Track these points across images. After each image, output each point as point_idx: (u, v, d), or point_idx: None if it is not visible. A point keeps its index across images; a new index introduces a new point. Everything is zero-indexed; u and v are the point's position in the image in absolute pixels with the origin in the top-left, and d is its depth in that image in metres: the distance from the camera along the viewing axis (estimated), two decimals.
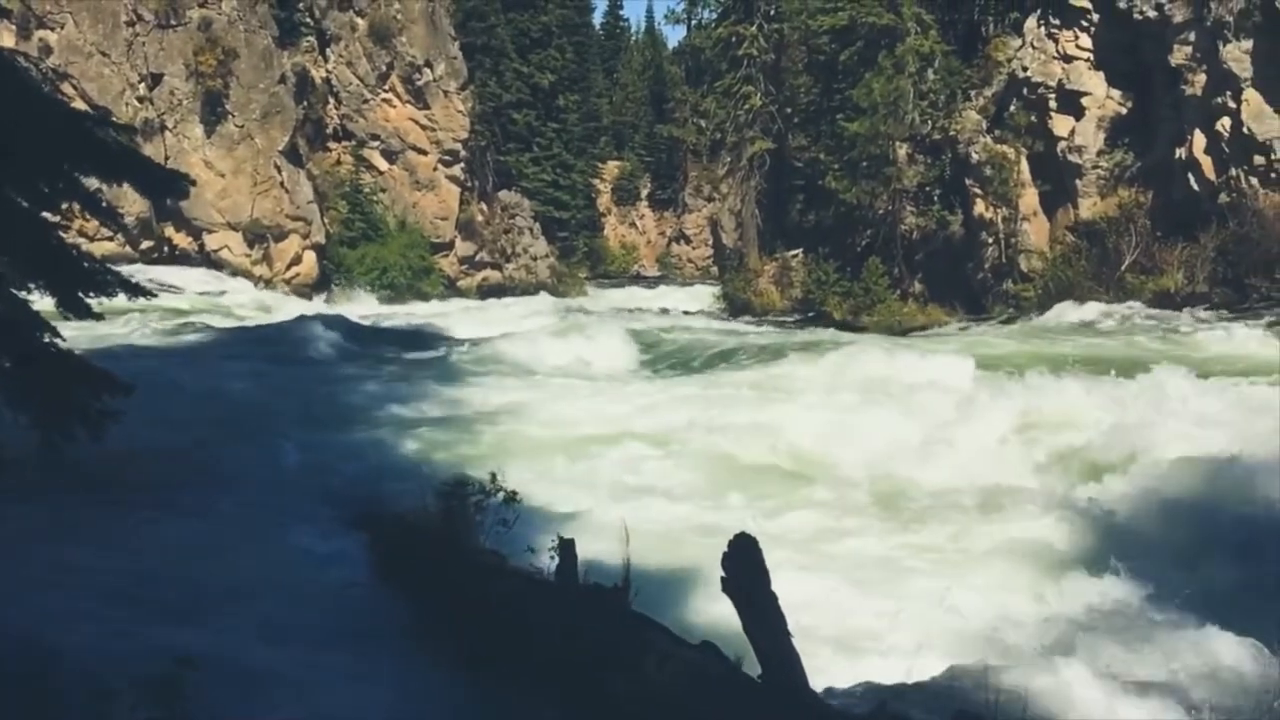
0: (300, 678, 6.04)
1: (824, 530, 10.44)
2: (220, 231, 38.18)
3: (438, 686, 6.31)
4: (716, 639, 6.17)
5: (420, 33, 43.53)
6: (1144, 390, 13.88)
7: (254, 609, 6.98)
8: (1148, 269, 28.39)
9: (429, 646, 6.80)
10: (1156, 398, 13.41)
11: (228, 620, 6.69)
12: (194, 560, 8.10)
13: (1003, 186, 32.21)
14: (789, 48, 43.40)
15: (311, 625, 6.82)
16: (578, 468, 12.26)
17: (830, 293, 34.53)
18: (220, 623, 6.64)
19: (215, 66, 37.44)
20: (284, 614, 6.91)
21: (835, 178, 35.14)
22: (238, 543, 8.52)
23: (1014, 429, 13.18)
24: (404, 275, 41.57)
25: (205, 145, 38.00)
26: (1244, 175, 27.32)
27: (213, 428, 13.05)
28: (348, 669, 6.27)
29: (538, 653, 6.29)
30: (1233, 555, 8.85)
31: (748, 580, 5.53)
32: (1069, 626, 7.60)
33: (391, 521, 8.38)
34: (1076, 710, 6.36)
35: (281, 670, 6.00)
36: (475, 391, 16.83)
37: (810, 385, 16.48)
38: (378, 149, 44.00)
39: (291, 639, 6.51)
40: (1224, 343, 19.92)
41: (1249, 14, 27.01)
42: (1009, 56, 33.53)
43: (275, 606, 7.02)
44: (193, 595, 7.20)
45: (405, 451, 12.87)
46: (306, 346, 21.37)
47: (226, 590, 7.19)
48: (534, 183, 54.41)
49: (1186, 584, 8.18)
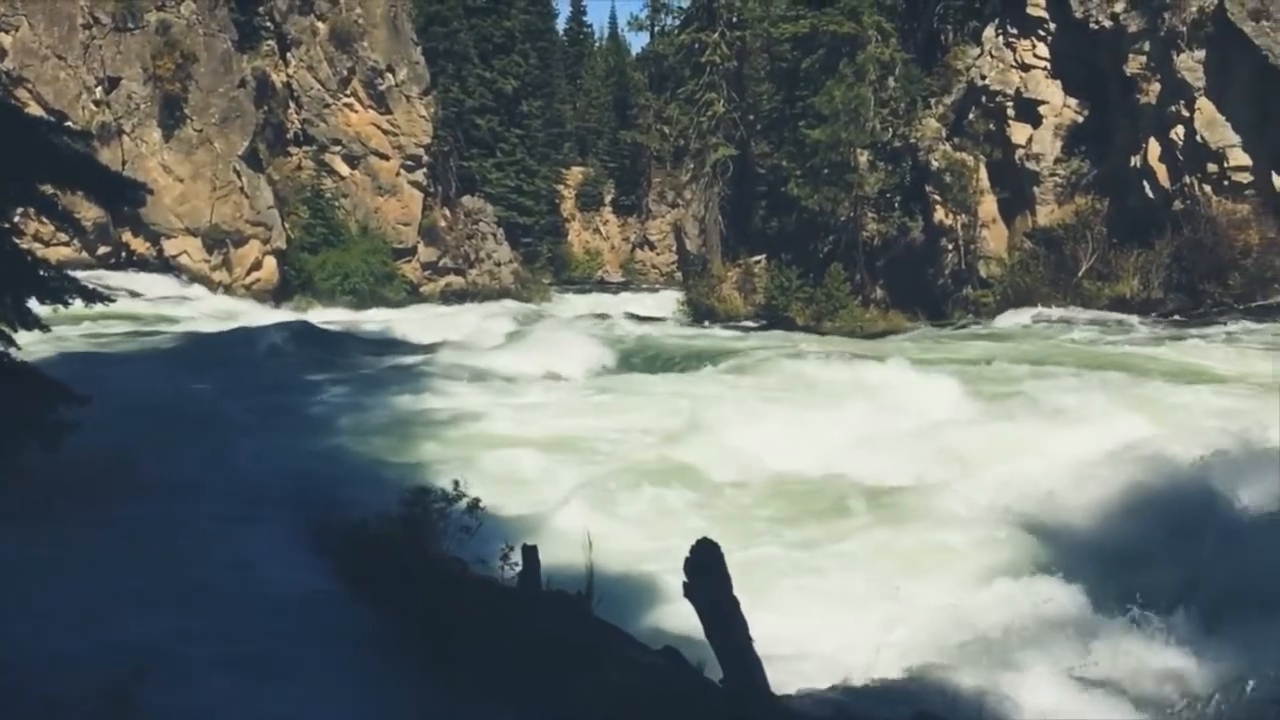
0: (260, 685, 6.00)
1: (773, 535, 10.48)
2: (179, 237, 37.77)
3: (400, 693, 6.29)
4: (679, 644, 6.20)
5: (382, 37, 43.32)
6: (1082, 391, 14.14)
7: (212, 617, 6.91)
8: (1104, 275, 28.80)
9: (391, 653, 6.77)
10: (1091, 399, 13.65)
11: (185, 629, 6.62)
12: (151, 568, 8.01)
13: (962, 193, 32.57)
14: (751, 55, 43.61)
15: (272, 633, 6.76)
16: (541, 474, 12.24)
17: (793, 298, 34.71)
18: (178, 631, 6.57)
19: (174, 70, 37.05)
20: (243, 621, 6.85)
21: (798, 184, 35.36)
22: (195, 551, 8.43)
23: (950, 429, 13.32)
24: (366, 281, 41.30)
25: (163, 149, 37.58)
26: (1197, 183, 27.81)
27: (169, 435, 12.90)
28: (309, 676, 6.23)
29: (501, 659, 6.29)
30: (1171, 555, 9.01)
31: (710, 585, 5.56)
32: (1021, 627, 7.70)
33: (354, 529, 8.33)
34: (1030, 709, 6.45)
35: (240, 678, 5.96)
36: (438, 397, 16.76)
37: (761, 390, 16.64)
38: (339, 154, 43.71)
39: (250, 647, 6.46)
40: (1174, 350, 20.32)
41: (1201, 24, 27.52)
42: (968, 65, 33.93)
43: (234, 614, 6.96)
44: (150, 603, 7.12)
45: (367, 459, 12.79)
46: (266, 353, 21.20)
47: (184, 598, 7.12)
48: (497, 188, 54.25)
49: (1130, 584, 8.31)
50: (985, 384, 16.22)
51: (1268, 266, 26.22)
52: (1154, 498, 10.39)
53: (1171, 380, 16.07)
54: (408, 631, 6.88)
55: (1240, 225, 26.81)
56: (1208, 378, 16.59)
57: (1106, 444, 11.76)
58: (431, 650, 6.69)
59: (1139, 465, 11.04)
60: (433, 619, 6.81)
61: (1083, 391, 14.89)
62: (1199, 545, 8.98)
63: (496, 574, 7.11)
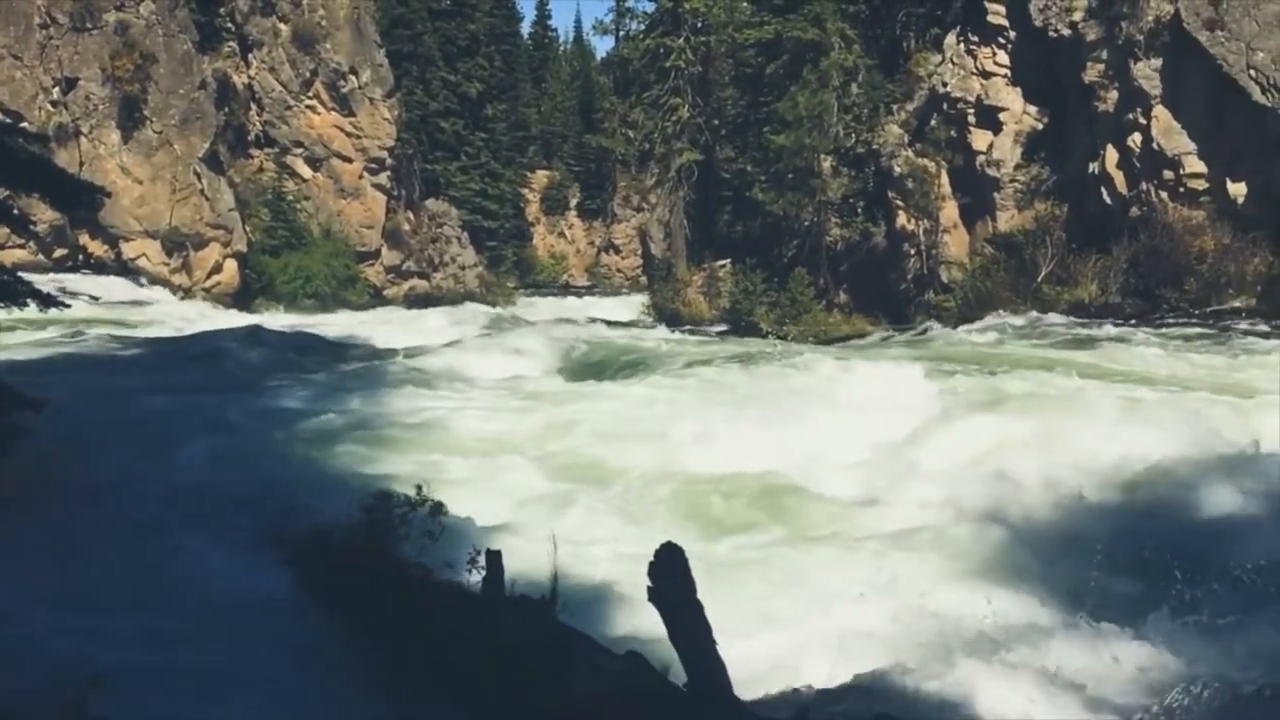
0: (216, 695, 5.93)
1: (734, 537, 10.50)
2: (138, 239, 37.29)
3: (361, 702, 6.24)
4: (643, 648, 6.20)
5: (345, 39, 43.04)
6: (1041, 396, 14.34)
7: (167, 626, 6.82)
8: (1063, 280, 29.13)
9: (352, 661, 6.72)
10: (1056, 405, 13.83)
11: (140, 638, 6.53)
12: (105, 576, 7.90)
13: (924, 199, 32.86)
14: (716, 60, 43.76)
15: (229, 642, 6.69)
16: (504, 479, 12.20)
17: (757, 303, 34.85)
18: (135, 639, 6.48)
19: (133, 71, 36.58)
20: (199, 630, 6.77)
21: (762, 189, 35.53)
22: (153, 558, 8.32)
23: (910, 432, 13.44)
24: (328, 284, 41.00)
25: (122, 151, 37.10)
26: (1154, 189, 28.23)
27: (127, 442, 12.71)
28: (266, 685, 6.17)
29: (464, 666, 6.26)
30: (1132, 556, 9.13)
31: (674, 589, 5.57)
32: (982, 628, 7.76)
33: (315, 535, 8.26)
34: (990, 709, 6.51)
35: (196, 688, 5.89)
36: (400, 402, 16.66)
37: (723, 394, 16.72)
38: (301, 156, 43.37)
39: (207, 656, 6.38)
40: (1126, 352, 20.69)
41: (1158, 34, 27.96)
42: (930, 72, 34.24)
43: (190, 623, 6.88)
44: (105, 612, 7.02)
45: (328, 464, 12.68)
46: (226, 357, 20.96)
47: (141, 606, 7.02)
48: (462, 191, 54.03)
49: (1089, 584, 8.41)
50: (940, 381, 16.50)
51: (1222, 272, 26.66)
52: (1119, 498, 10.54)
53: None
54: (369, 639, 6.83)
55: (1195, 231, 27.24)
56: (1134, 379, 16.90)
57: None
58: (394, 657, 6.64)
59: (1101, 464, 11.17)
60: (395, 626, 6.77)
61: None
62: (1163, 544, 9.10)
63: (460, 579, 7.08)
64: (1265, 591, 8.05)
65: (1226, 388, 15.55)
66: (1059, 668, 7.04)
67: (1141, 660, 7.18)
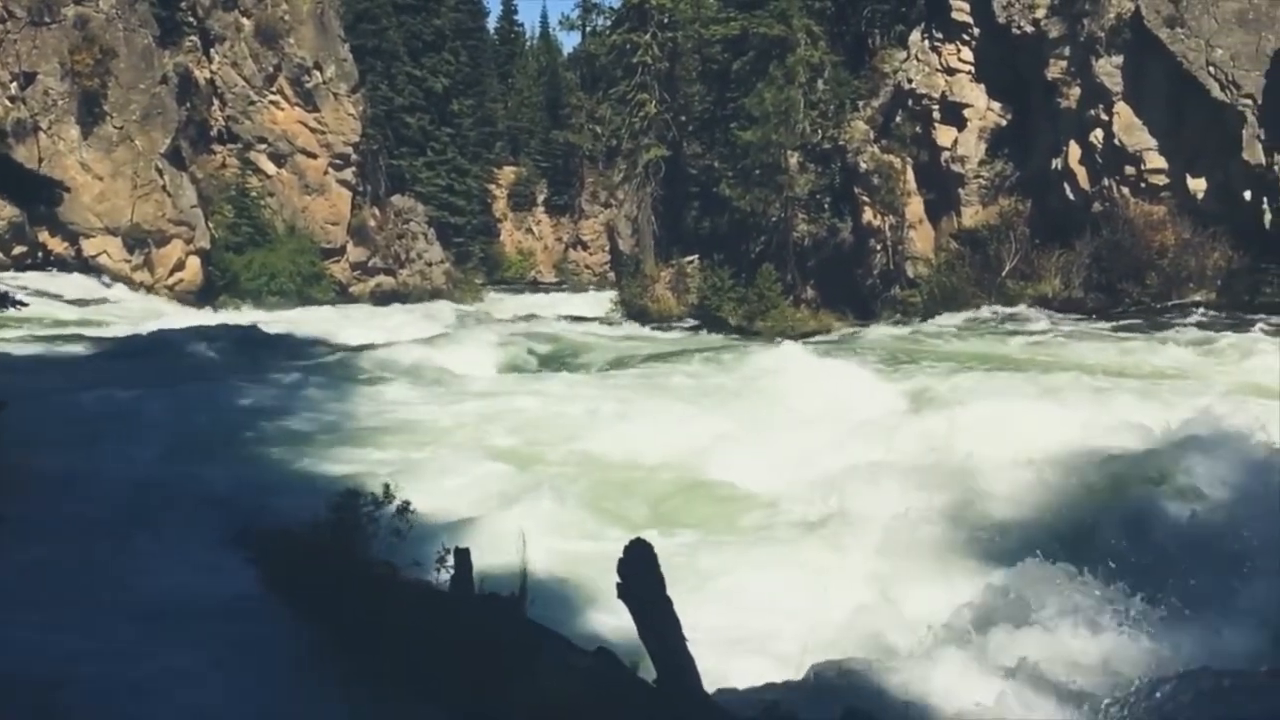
0: (179, 697, 5.86)
1: (699, 535, 10.51)
2: (98, 236, 36.80)
3: (327, 702, 6.19)
4: (613, 645, 6.19)
5: (309, 34, 42.67)
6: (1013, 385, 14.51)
7: (131, 628, 6.73)
8: (1027, 275, 29.41)
9: (319, 661, 6.66)
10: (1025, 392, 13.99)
11: (104, 640, 6.44)
12: (66, 578, 7.78)
13: (889, 195, 33.04)
14: (683, 56, 43.75)
15: (192, 643, 6.61)
16: (471, 476, 12.14)
17: (725, 299, 34.89)
18: (97, 642, 6.38)
19: (92, 66, 36.09)
20: (163, 632, 6.68)
21: (729, 185, 35.59)
22: (114, 560, 8.20)
23: (875, 419, 13.53)
24: (293, 281, 40.67)
25: (82, 147, 36.58)
26: (1116, 185, 28.56)
27: (87, 443, 12.53)
28: (230, 687, 6.10)
29: (432, 665, 6.22)
30: (1105, 545, 9.20)
31: (643, 586, 5.56)
32: (949, 619, 7.81)
33: (279, 535, 8.18)
34: (959, 701, 6.55)
35: (158, 690, 5.81)
36: (366, 400, 16.56)
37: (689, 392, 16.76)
38: (265, 152, 42.97)
39: (171, 658, 6.30)
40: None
41: (1119, 31, 28.28)
42: (895, 68, 34.43)
43: (152, 623, 6.78)
44: (65, 615, 6.91)
45: (293, 463, 12.57)
46: (188, 355, 20.74)
47: (101, 608, 6.92)
48: (428, 187, 53.75)
49: (1061, 574, 8.47)
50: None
51: (1183, 267, 27.01)
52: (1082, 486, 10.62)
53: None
54: (336, 638, 6.77)
55: (1156, 226, 27.59)
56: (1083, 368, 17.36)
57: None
58: (361, 657, 6.58)
59: (1065, 453, 11.27)
60: (362, 625, 6.71)
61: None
62: (1131, 535, 9.19)
63: (428, 578, 7.03)
64: (1228, 582, 8.15)
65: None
66: (1025, 659, 7.09)
67: (1108, 651, 7.24)
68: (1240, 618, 7.87)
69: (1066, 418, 12.48)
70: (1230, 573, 8.37)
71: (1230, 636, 7.65)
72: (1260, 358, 18.07)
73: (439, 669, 6.19)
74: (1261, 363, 17.51)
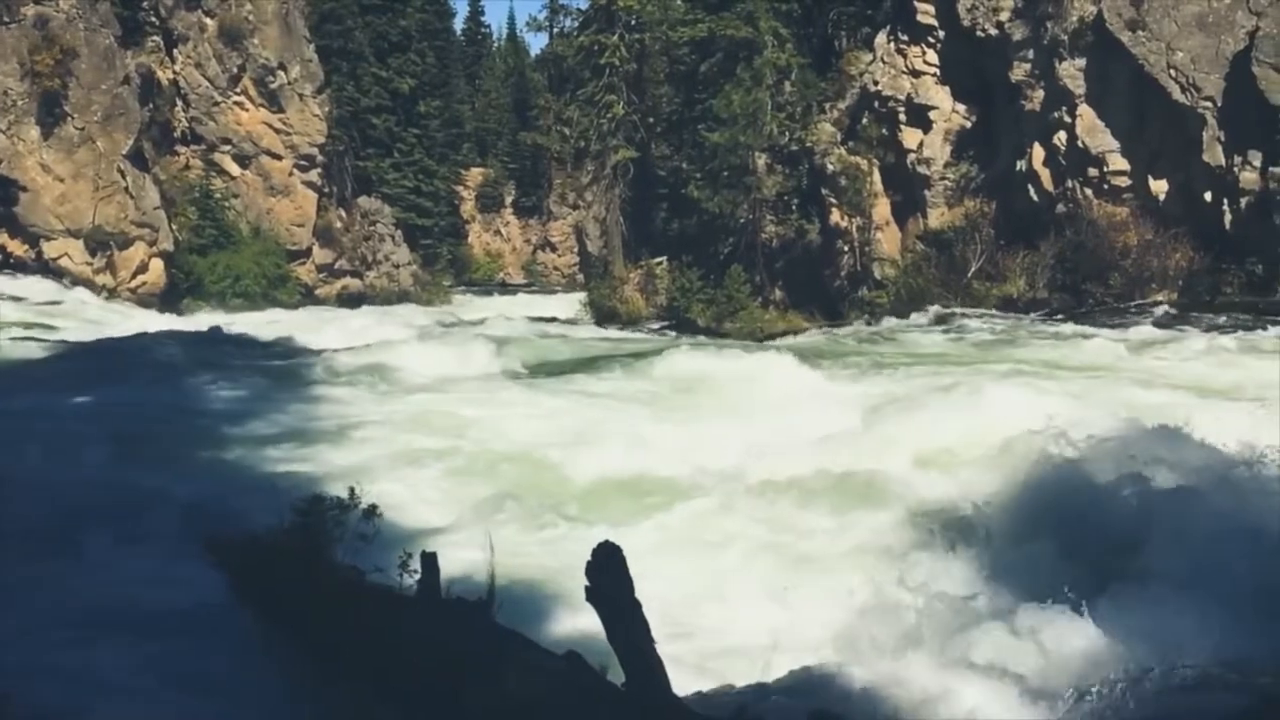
0: (142, 701, 5.77)
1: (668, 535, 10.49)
2: (59, 238, 36.26)
3: (292, 704, 6.12)
4: (582, 649, 6.16)
5: (273, 34, 42.30)
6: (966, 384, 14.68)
7: (87, 636, 6.60)
8: (992, 276, 29.67)
9: (284, 667, 6.58)
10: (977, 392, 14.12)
11: (57, 652, 6.32)
12: (20, 588, 7.61)
13: (856, 196, 33.23)
14: (650, 58, 43.83)
15: (155, 651, 6.50)
16: (439, 480, 12.06)
17: (694, 300, 34.96)
18: (49, 655, 6.26)
19: (53, 66, 35.56)
20: (122, 640, 6.56)
21: (697, 187, 35.67)
22: (70, 569, 8.04)
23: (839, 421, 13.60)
24: (258, 284, 40.30)
25: (42, 148, 36.04)
26: (1079, 186, 28.87)
27: (43, 448, 12.27)
28: (191, 696, 6.01)
29: (399, 670, 6.17)
30: (1068, 540, 9.26)
31: (612, 589, 5.54)
32: (915, 618, 7.83)
33: (243, 540, 8.07)
34: (927, 700, 6.57)
35: (116, 702, 5.71)
36: (330, 404, 16.38)
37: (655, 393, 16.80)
38: (229, 153, 42.56)
39: (131, 666, 6.20)
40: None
41: (1082, 34, 28.59)
42: (861, 70, 34.64)
43: (112, 632, 6.66)
44: (17, 625, 6.77)
45: (257, 468, 12.41)
46: (151, 359, 20.42)
47: (57, 620, 6.78)
48: (395, 189, 53.48)
49: (1026, 570, 8.52)
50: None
51: (1145, 267, 27.35)
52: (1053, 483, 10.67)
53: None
54: (301, 644, 6.70)
55: (1119, 227, 27.93)
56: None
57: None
58: (328, 662, 6.52)
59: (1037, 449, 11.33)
60: (328, 630, 6.64)
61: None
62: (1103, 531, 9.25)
63: (395, 582, 6.97)
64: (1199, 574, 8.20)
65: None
66: (993, 657, 7.13)
67: (1079, 646, 7.28)
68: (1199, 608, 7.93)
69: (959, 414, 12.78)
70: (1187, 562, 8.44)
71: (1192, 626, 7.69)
72: (1184, 353, 19.48)
73: (407, 674, 6.14)
74: (1180, 356, 19.01)
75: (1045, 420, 11.35)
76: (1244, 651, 6.99)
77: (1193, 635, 7.15)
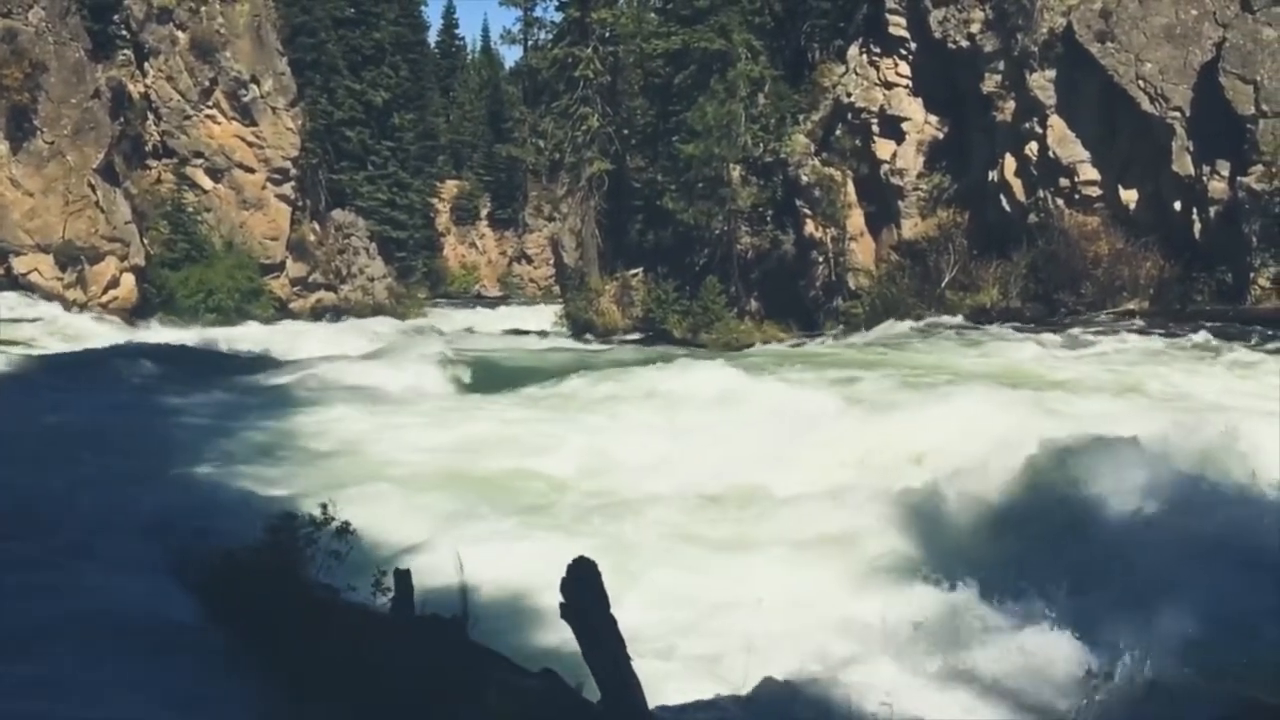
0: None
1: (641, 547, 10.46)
2: (29, 254, 35.90)
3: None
4: (557, 665, 6.12)
5: (246, 47, 42.11)
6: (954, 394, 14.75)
7: (54, 651, 6.49)
8: (966, 286, 29.86)
9: (256, 687, 6.49)
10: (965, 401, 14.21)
11: (22, 665, 6.21)
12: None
13: (831, 207, 33.38)
14: (625, 70, 43.90)
15: (123, 668, 6.40)
16: (412, 497, 11.97)
17: (670, 311, 35.02)
18: (14, 667, 6.15)
19: (22, 80, 35.24)
20: (89, 656, 6.46)
21: (672, 198, 35.73)
22: (37, 588, 7.91)
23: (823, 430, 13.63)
24: (231, 298, 40.00)
25: (11, 163, 35.70)
26: (1050, 196, 29.12)
27: (10, 464, 12.11)
28: (164, 711, 5.92)
29: (373, 688, 6.10)
30: (1050, 552, 9.30)
31: (586, 605, 5.50)
32: (893, 628, 7.83)
33: (215, 558, 7.98)
34: (904, 711, 6.55)
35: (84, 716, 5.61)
36: (304, 419, 16.26)
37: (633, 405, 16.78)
38: (201, 167, 42.27)
39: (97, 683, 6.10)
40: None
41: (1052, 45, 28.88)
42: (834, 82, 34.82)
43: (79, 649, 6.54)
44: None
45: (229, 485, 12.28)
46: (122, 374, 20.23)
47: (22, 641, 6.66)
48: (369, 202, 53.24)
49: (1006, 580, 8.54)
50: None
51: (1116, 276, 27.59)
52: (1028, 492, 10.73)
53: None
54: (273, 664, 6.61)
55: (1091, 237, 28.17)
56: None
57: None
58: (300, 682, 6.44)
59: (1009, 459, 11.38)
60: (300, 650, 6.56)
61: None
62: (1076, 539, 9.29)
63: (368, 601, 6.90)
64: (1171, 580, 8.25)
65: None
66: (971, 665, 7.13)
67: (1056, 652, 7.30)
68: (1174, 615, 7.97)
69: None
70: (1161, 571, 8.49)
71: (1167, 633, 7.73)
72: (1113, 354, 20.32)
73: (379, 693, 6.07)
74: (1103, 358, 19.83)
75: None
76: (1223, 661, 7.02)
77: (1167, 644, 7.18)
